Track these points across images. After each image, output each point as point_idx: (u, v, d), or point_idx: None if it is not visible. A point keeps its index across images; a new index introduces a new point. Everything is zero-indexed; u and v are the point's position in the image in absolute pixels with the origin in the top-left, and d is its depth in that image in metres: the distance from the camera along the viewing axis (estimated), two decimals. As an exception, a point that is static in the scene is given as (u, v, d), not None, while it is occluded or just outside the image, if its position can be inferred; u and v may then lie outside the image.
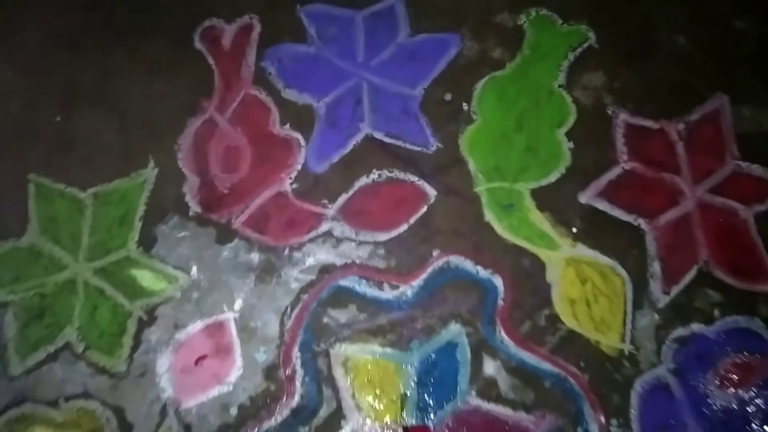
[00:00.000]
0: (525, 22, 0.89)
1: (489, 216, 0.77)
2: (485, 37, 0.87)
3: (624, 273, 0.75)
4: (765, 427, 0.71)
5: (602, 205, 0.80)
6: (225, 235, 0.76)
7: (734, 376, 0.72)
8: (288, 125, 0.82)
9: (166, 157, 0.79)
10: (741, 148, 0.82)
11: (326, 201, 0.77)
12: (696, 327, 0.74)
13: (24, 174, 0.79)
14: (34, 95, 0.83)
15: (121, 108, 0.83)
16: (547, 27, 0.88)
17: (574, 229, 0.77)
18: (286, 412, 0.70)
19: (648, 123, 0.84)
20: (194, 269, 0.74)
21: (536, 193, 0.77)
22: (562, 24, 0.88)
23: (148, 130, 0.82)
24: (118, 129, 0.82)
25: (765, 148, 0.83)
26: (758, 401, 0.73)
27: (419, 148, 0.83)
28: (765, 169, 0.80)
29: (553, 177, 0.79)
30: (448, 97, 0.86)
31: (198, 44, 0.89)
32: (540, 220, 0.78)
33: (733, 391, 0.72)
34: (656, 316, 0.75)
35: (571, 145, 0.81)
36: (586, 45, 0.89)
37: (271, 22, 0.91)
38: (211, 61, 0.87)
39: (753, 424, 0.71)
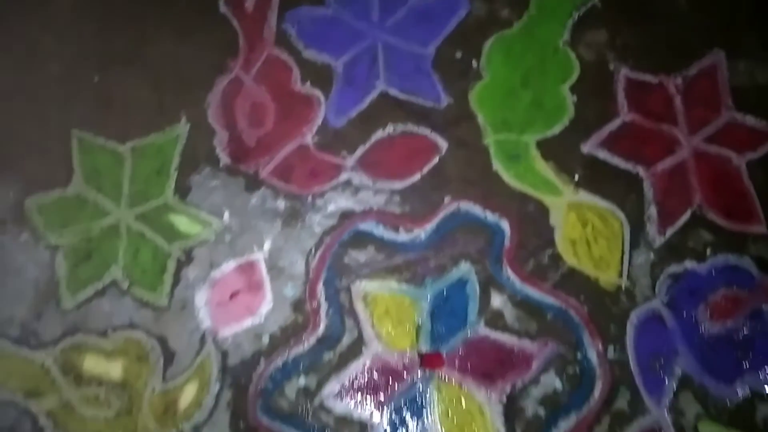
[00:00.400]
0: (532, -18, 0.95)
1: (497, 165, 0.83)
2: (493, -2, 0.95)
3: (622, 216, 0.81)
4: (750, 353, 0.73)
5: (603, 155, 0.84)
6: (253, 183, 0.81)
7: (723, 308, 0.76)
8: (308, 83, 0.86)
9: (196, 113, 0.84)
10: (735, 100, 0.86)
11: (345, 153, 0.83)
12: (689, 264, 0.79)
13: (67, 129, 0.83)
14: (72, 58, 0.88)
15: (153, 69, 0.87)
16: (553, -13, 0.96)
17: (576, 177, 0.82)
18: (312, 340, 0.76)
19: (647, 78, 0.88)
20: (226, 215, 0.80)
21: (541, 144, 0.83)
22: (568, -16, 0.95)
23: (180, 88, 0.87)
24: (151, 88, 0.87)
25: (758, 100, 0.87)
26: (744, 330, 0.76)
27: (431, 104, 0.87)
28: (758, 119, 0.85)
29: (557, 129, 0.84)
30: (458, 55, 0.90)
31: (223, 9, 0.91)
32: (544, 168, 0.84)
33: (722, 321, 0.75)
34: (652, 255, 0.80)
35: (574, 99, 0.85)
36: (590, 5, 0.92)
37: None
38: (235, 24, 0.91)
39: (738, 352, 0.74)
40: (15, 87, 0.88)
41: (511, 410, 0.75)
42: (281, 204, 0.81)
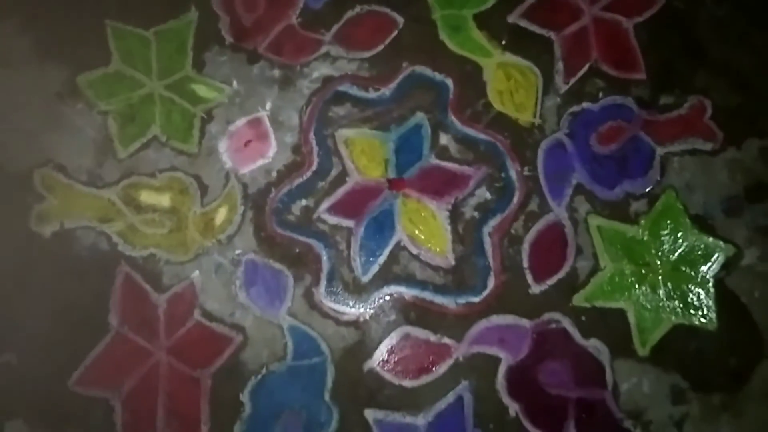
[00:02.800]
0: None
1: (443, 36, 0.95)
2: None
3: (537, 71, 0.94)
4: (626, 167, 0.89)
5: (524, 23, 0.96)
6: (253, 57, 0.94)
7: (609, 136, 0.91)
8: None
9: (203, 3, 0.94)
10: None
11: (323, 30, 0.95)
12: (585, 104, 0.93)
13: (102, 20, 0.93)
14: None
15: None
16: None
17: (503, 42, 0.95)
18: (309, 174, 0.90)
19: None
20: (234, 83, 0.93)
21: (476, 17, 0.96)
22: None
23: None
24: None
25: None
26: (623, 151, 0.90)
27: None
28: None
29: (489, 4, 0.96)
30: None
31: None
32: (479, 36, 0.95)
33: (607, 145, 0.91)
34: (558, 99, 0.94)
35: None
36: None
37: None
38: None
39: (618, 166, 0.89)
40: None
41: (455, 215, 0.90)
42: (276, 73, 0.94)
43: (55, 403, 0.82)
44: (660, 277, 0.88)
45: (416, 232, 0.89)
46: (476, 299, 0.87)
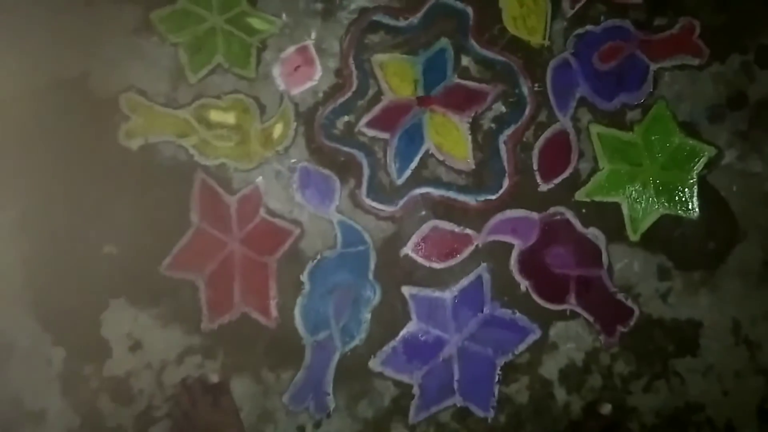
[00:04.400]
0: None
1: None
2: None
3: None
4: (624, 81, 0.94)
5: None
6: None
7: (609, 54, 0.96)
8: None
9: None
10: None
11: None
12: (589, 27, 0.97)
13: None
14: None
15: None
16: None
17: None
18: (349, 94, 0.94)
19: None
20: (284, 15, 0.94)
21: None
22: None
23: None
24: None
25: None
26: (621, 68, 0.95)
27: None
28: None
29: None
30: None
31: None
32: None
33: (608, 63, 0.96)
34: (565, 23, 0.97)
35: None
36: None
37: None
38: None
39: (616, 81, 0.95)
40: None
41: (475, 126, 0.95)
42: (319, 6, 0.95)
43: (150, 284, 0.90)
44: (650, 176, 0.94)
45: (442, 141, 0.94)
46: (493, 197, 0.94)
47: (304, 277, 0.92)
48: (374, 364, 0.91)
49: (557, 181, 0.94)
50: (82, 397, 0.89)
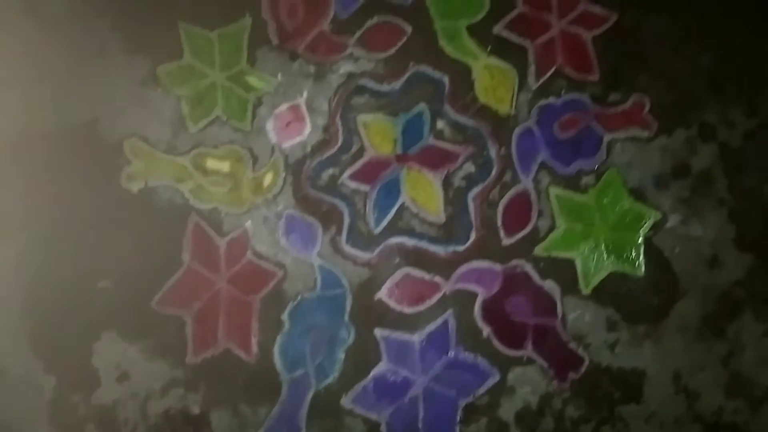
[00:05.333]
0: None
1: (441, 42, 0.99)
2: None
3: (514, 71, 0.99)
4: (579, 149, 0.99)
5: (506, 33, 1.01)
6: (294, 56, 0.99)
7: (568, 124, 1.00)
8: None
9: (255, 12, 1.00)
10: None
11: (348, 35, 1.00)
12: (551, 99, 0.99)
13: (176, 22, 1.00)
14: None
15: None
16: None
17: (489, 48, 1.01)
18: (334, 148, 0.97)
19: None
20: (279, 75, 0.98)
21: (468, 28, 1.01)
22: None
23: None
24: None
25: None
26: (578, 137, 1.00)
27: (401, 3, 1.00)
28: (602, 8, 1.01)
29: (479, 17, 1.02)
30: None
31: None
32: (470, 43, 1.01)
33: (566, 132, 1.00)
34: (530, 95, 0.99)
35: None
36: None
37: None
38: None
39: (573, 149, 1.00)
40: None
41: (447, 183, 0.98)
42: (312, 69, 0.98)
43: (140, 318, 0.92)
44: (602, 235, 0.98)
45: (416, 196, 0.97)
46: (461, 248, 0.96)
47: (284, 317, 0.94)
48: (346, 402, 0.93)
49: (519, 236, 0.97)
50: (69, 424, 0.90)
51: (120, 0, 0.98)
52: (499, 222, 0.97)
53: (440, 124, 1.00)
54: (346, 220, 0.97)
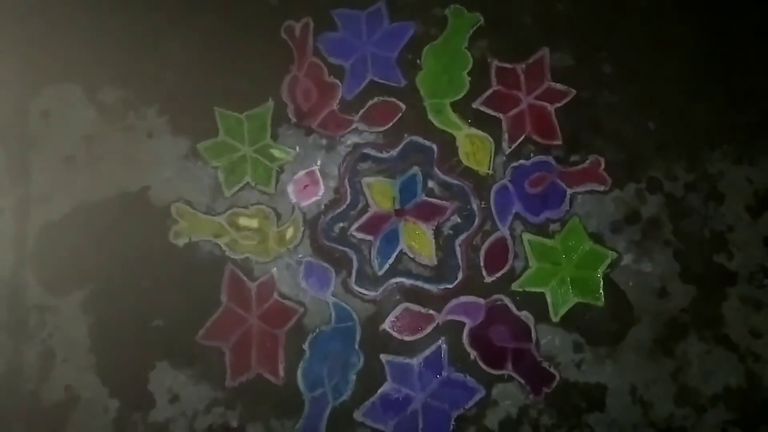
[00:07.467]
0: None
1: (430, 116, 1.11)
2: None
3: (491, 139, 1.10)
4: (547, 201, 1.06)
5: (483, 108, 1.13)
6: (309, 131, 1.10)
7: (537, 182, 1.09)
8: (332, 76, 1.13)
9: (276, 95, 1.11)
10: (552, 76, 1.14)
11: (354, 113, 1.11)
12: (522, 161, 1.10)
13: (212, 106, 1.11)
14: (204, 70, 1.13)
15: (250, 73, 1.13)
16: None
17: (470, 120, 1.12)
18: (344, 206, 1.07)
19: (507, 65, 1.15)
20: (297, 147, 1.09)
21: (452, 104, 1.12)
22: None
23: (266, 82, 1.12)
24: (251, 84, 1.13)
25: (564, 75, 1.13)
26: (546, 191, 1.08)
27: (395, 84, 1.12)
28: (562, 86, 1.13)
29: (460, 95, 1.12)
30: (409, 56, 1.13)
31: (283, 35, 1.16)
32: (454, 117, 1.11)
33: (535, 187, 1.08)
34: (504, 157, 1.10)
35: (469, 79, 1.13)
36: (478, 25, 1.15)
37: (319, 20, 1.16)
38: (291, 44, 1.15)
39: (541, 201, 1.08)
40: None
41: (438, 232, 1.08)
42: (324, 141, 1.10)
43: (188, 350, 1.02)
44: (567, 273, 1.07)
45: (413, 243, 1.07)
46: (450, 286, 1.05)
47: (305, 346, 1.04)
48: (357, 416, 1.03)
49: (498, 275, 1.06)
50: (131, 440, 1.00)
51: (165, 90, 1.11)
52: (482, 263, 1.07)
53: (431, 183, 1.10)
54: (355, 265, 1.07)
